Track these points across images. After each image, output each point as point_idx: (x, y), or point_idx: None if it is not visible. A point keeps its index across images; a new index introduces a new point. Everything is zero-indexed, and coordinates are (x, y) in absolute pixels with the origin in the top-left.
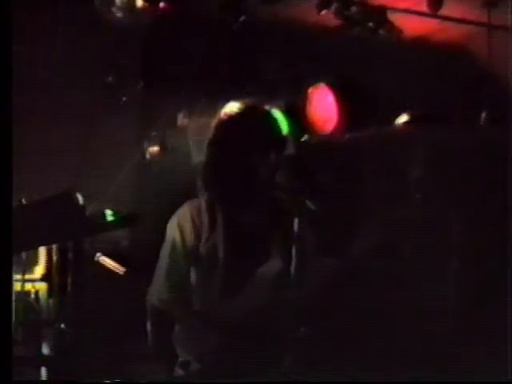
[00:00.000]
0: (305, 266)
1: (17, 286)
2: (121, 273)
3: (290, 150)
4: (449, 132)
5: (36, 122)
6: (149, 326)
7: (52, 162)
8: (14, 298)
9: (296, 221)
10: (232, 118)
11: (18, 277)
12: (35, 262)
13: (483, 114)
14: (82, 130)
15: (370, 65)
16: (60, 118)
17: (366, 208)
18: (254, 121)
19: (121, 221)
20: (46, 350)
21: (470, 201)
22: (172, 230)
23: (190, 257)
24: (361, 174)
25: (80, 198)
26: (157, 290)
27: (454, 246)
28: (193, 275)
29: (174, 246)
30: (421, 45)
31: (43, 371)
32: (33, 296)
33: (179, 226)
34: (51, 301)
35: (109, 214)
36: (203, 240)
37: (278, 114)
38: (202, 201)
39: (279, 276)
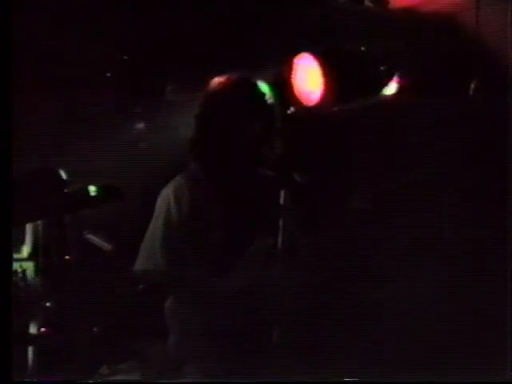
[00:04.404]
0: (292, 241)
1: None
2: (108, 250)
3: (277, 121)
4: (437, 102)
5: (19, 99)
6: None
7: (36, 138)
8: None
9: (283, 194)
10: (219, 91)
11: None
12: (22, 242)
13: (472, 84)
14: (67, 106)
15: (357, 35)
16: (44, 94)
17: (355, 181)
18: (240, 93)
19: (104, 196)
20: (32, 328)
21: (461, 173)
22: (165, 201)
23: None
24: (349, 146)
25: (63, 175)
26: (141, 260)
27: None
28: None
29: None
30: (408, 14)
31: (30, 350)
32: (20, 275)
33: (172, 197)
34: (38, 279)
35: (92, 190)
36: (184, 213)
37: (264, 85)
38: (182, 177)
39: (269, 251)
